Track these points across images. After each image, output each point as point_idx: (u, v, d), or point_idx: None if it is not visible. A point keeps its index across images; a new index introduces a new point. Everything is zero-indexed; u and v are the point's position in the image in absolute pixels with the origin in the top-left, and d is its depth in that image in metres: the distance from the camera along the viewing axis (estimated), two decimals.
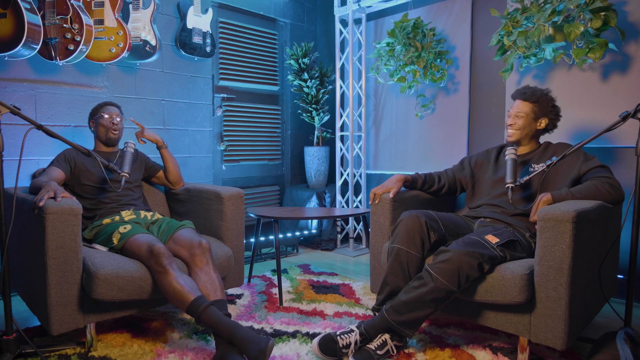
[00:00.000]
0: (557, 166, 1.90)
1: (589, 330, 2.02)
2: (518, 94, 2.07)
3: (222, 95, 3.52)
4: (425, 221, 1.83)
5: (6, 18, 2.20)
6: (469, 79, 3.15)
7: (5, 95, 2.43)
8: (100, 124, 2.27)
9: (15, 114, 1.61)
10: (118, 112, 2.33)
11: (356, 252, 3.57)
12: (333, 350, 1.73)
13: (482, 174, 2.23)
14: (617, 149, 2.50)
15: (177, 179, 2.50)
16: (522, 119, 2.02)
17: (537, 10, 2.38)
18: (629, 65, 2.42)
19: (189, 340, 1.91)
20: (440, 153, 3.32)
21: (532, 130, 2.05)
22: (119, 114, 2.32)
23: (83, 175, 2.17)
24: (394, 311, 1.70)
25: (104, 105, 2.32)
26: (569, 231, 1.50)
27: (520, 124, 2.03)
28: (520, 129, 2.03)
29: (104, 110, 2.29)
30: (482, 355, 1.79)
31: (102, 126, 2.27)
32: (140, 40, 2.77)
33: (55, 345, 1.81)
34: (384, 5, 3.52)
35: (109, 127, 2.27)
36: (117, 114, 2.31)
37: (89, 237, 2.03)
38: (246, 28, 3.67)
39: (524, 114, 2.02)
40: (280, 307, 2.32)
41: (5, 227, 1.60)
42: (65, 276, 1.67)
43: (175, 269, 1.75)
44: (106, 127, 2.27)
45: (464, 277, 1.62)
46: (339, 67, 3.75)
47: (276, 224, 2.44)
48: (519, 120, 2.03)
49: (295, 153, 4.08)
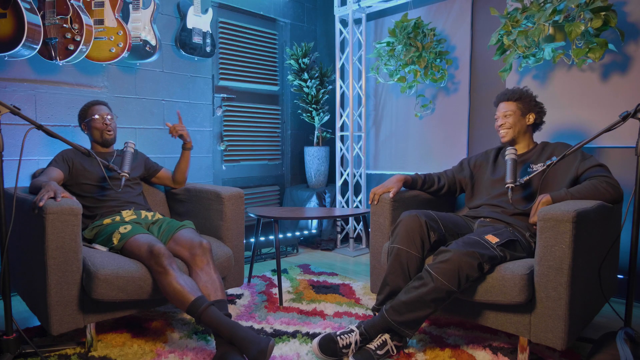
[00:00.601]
0: (556, 166, 1.91)
1: (589, 330, 2.02)
2: (500, 98, 2.14)
3: (222, 95, 3.52)
4: (425, 221, 1.83)
5: (6, 18, 2.20)
6: (469, 79, 3.15)
7: (5, 95, 2.43)
8: (93, 126, 2.24)
9: (15, 114, 1.61)
10: (108, 111, 2.28)
11: (356, 252, 3.57)
12: (333, 350, 1.73)
13: (481, 175, 2.24)
14: (617, 149, 2.50)
15: (183, 178, 2.48)
16: (510, 117, 2.07)
17: (537, 9, 2.38)
18: (629, 66, 2.42)
19: (189, 340, 1.91)
20: (440, 153, 3.32)
21: (522, 127, 2.08)
22: (109, 112, 2.28)
23: (82, 175, 2.16)
24: (394, 311, 1.70)
25: (92, 106, 2.27)
26: (569, 231, 1.50)
27: (510, 121, 2.07)
28: (512, 127, 2.07)
29: (92, 111, 2.25)
30: (482, 355, 1.79)
31: (96, 128, 2.24)
32: (140, 40, 2.77)
33: (55, 345, 1.81)
34: (384, 5, 3.52)
35: (103, 128, 2.24)
36: (107, 113, 2.27)
37: (89, 237, 2.03)
38: (246, 28, 3.67)
39: (511, 112, 2.07)
40: (280, 307, 2.32)
41: (5, 227, 1.60)
42: (65, 276, 1.67)
43: (175, 270, 1.75)
44: (100, 129, 2.24)
45: (464, 277, 1.62)
46: (339, 67, 3.75)
47: (276, 224, 2.44)
48: (508, 119, 2.07)
49: (295, 153, 4.08)
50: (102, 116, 2.24)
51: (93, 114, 2.24)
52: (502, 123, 2.09)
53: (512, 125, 2.07)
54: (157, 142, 3.08)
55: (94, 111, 2.25)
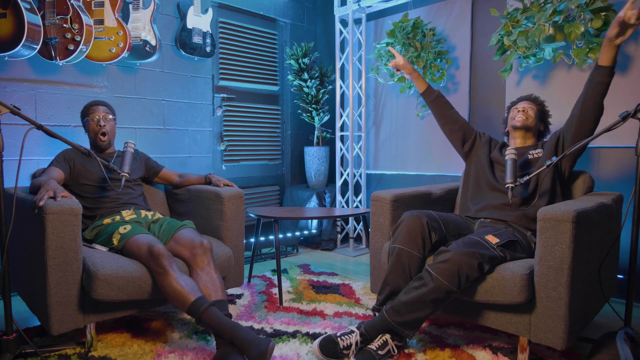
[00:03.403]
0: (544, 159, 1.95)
1: (589, 330, 2.02)
2: (523, 97, 2.21)
3: (222, 95, 3.52)
4: (427, 221, 1.83)
5: (6, 18, 2.20)
6: (469, 79, 3.15)
7: (5, 95, 2.43)
8: (88, 127, 2.20)
9: (15, 114, 1.61)
10: (106, 112, 2.21)
11: (356, 252, 3.57)
12: (334, 351, 1.72)
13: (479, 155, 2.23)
14: (617, 149, 2.50)
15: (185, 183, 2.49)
16: (531, 111, 2.13)
17: (537, 10, 2.38)
18: (629, 65, 2.42)
19: (189, 340, 1.91)
20: (440, 153, 3.32)
21: (535, 126, 2.14)
22: (107, 113, 2.21)
23: (83, 175, 2.15)
24: (394, 312, 1.70)
25: (90, 106, 2.22)
26: (569, 231, 1.50)
27: (531, 114, 2.12)
28: (531, 118, 2.11)
29: (89, 111, 2.20)
30: (482, 355, 1.79)
31: (90, 130, 2.20)
32: (140, 40, 2.77)
33: (55, 345, 1.81)
34: (384, 5, 3.52)
35: (97, 130, 2.19)
36: (105, 113, 2.20)
37: (89, 237, 2.02)
38: (246, 28, 3.67)
39: (532, 108, 2.13)
40: (280, 307, 2.32)
41: (5, 227, 1.60)
42: (65, 276, 1.67)
43: (175, 270, 1.75)
44: (94, 131, 2.19)
45: (464, 277, 1.62)
46: (339, 67, 3.75)
47: (276, 224, 2.44)
48: (529, 111, 2.13)
49: (295, 153, 4.08)
50: (95, 116, 2.17)
51: (88, 114, 2.20)
52: (523, 109, 2.12)
53: (531, 117, 2.11)
54: (157, 142, 3.07)
55: (90, 112, 2.21)
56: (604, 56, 1.74)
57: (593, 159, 2.58)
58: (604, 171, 2.55)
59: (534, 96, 2.20)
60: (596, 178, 2.51)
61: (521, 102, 2.17)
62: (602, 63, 1.76)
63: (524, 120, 2.10)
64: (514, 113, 2.14)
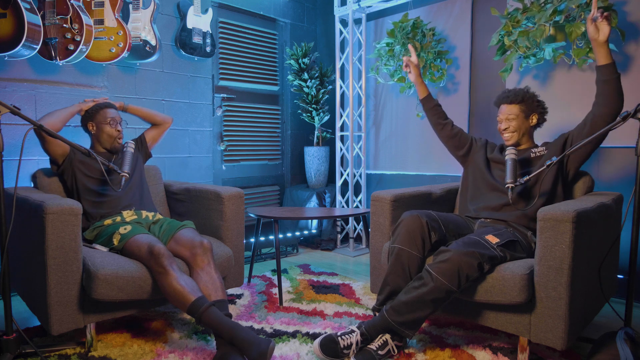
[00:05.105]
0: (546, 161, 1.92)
1: (589, 330, 2.02)
2: (501, 100, 2.09)
3: (222, 95, 3.52)
4: (427, 221, 1.83)
5: (6, 18, 2.20)
6: (469, 79, 3.15)
7: (5, 95, 2.43)
8: (103, 130, 2.20)
9: (15, 114, 1.60)
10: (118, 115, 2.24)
11: (356, 252, 3.57)
12: (334, 351, 1.73)
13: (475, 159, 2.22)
14: (617, 149, 2.50)
15: (160, 119, 2.50)
16: (514, 121, 2.04)
17: (537, 10, 2.38)
18: (629, 65, 2.42)
19: (189, 340, 1.91)
20: (440, 153, 3.32)
21: (526, 129, 2.07)
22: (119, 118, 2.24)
23: (83, 175, 2.15)
24: (394, 312, 1.70)
25: (104, 108, 2.22)
26: (569, 231, 1.50)
27: (514, 125, 2.04)
28: (516, 130, 2.04)
29: (105, 114, 2.20)
30: (482, 355, 1.79)
31: (108, 135, 2.20)
32: (140, 40, 2.77)
33: (55, 345, 1.81)
34: (384, 5, 3.52)
35: (114, 135, 2.21)
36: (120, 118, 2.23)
37: (90, 238, 2.02)
38: (246, 28, 3.67)
39: (514, 116, 2.04)
40: (280, 307, 2.32)
41: (5, 227, 1.60)
42: (65, 276, 1.67)
43: (175, 270, 1.75)
44: (111, 135, 2.21)
45: (464, 277, 1.62)
46: (339, 67, 3.75)
47: (276, 224, 2.44)
48: (512, 122, 2.04)
49: (295, 153, 4.08)
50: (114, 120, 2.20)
51: (105, 117, 2.19)
52: (506, 127, 2.05)
53: (516, 129, 2.04)
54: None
55: (106, 114, 2.20)
56: (597, 56, 1.84)
57: (593, 159, 2.58)
58: (604, 171, 2.55)
59: (512, 94, 2.05)
60: (596, 178, 2.51)
61: (502, 108, 2.08)
62: (599, 62, 1.84)
63: (510, 138, 2.05)
64: (499, 126, 2.09)
